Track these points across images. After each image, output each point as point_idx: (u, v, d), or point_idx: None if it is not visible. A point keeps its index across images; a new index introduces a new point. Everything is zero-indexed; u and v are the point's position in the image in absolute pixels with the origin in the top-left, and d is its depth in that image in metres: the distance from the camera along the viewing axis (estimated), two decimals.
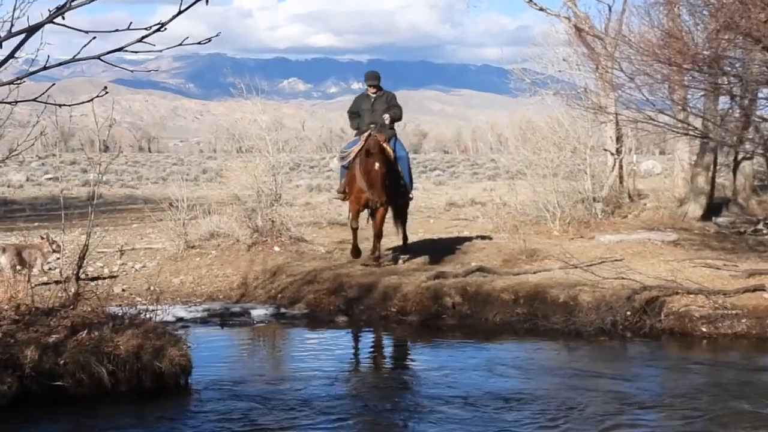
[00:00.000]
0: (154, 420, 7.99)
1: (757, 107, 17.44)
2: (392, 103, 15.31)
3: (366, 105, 15.30)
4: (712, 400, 8.46)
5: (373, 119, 14.99)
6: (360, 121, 15.34)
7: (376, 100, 15.21)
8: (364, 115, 15.24)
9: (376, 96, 15.25)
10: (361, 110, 15.38)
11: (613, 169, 22.26)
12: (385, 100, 15.26)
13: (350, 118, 15.89)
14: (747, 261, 14.48)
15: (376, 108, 15.15)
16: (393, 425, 7.94)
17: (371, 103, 15.23)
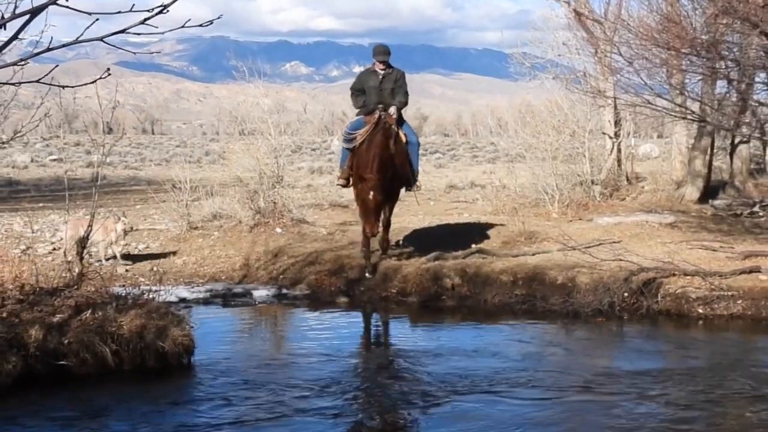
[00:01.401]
0: (157, 398, 7.99)
1: (754, 92, 17.41)
2: (401, 83, 13.92)
3: (373, 82, 13.84)
4: (708, 379, 8.47)
5: (381, 99, 13.66)
6: (365, 99, 13.87)
7: (385, 78, 13.80)
8: (371, 93, 13.80)
9: (385, 73, 13.83)
10: (367, 87, 13.90)
11: (611, 153, 22.21)
12: (393, 79, 13.86)
13: (353, 96, 14.22)
14: (743, 243, 14.47)
15: (384, 86, 13.77)
16: (392, 401, 7.95)
17: (379, 80, 13.79)
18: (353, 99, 14.23)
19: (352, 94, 14.25)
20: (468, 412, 7.51)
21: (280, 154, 17.57)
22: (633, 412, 7.46)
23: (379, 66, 13.86)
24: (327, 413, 7.46)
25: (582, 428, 7.18)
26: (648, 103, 15.82)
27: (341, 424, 7.27)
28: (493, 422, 7.26)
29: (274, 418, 7.36)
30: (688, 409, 7.58)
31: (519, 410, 7.56)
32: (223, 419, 7.27)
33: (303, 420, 7.31)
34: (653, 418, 7.34)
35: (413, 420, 7.52)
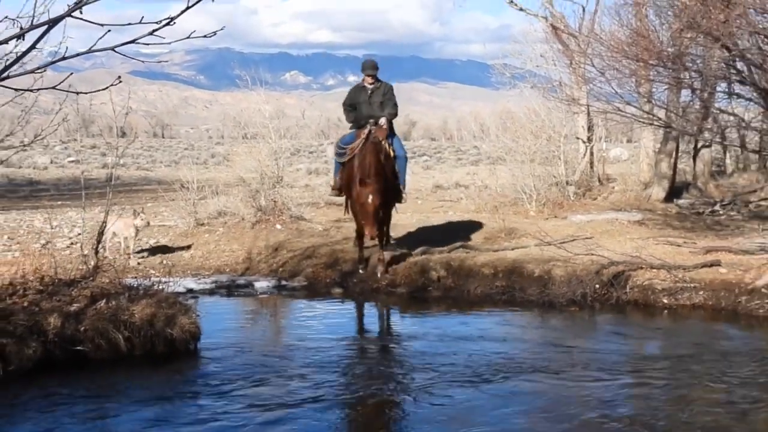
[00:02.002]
0: (165, 381, 8.00)
1: (715, 100, 17.45)
2: (389, 96, 13.45)
3: (363, 97, 13.43)
4: (671, 363, 8.49)
5: (371, 112, 13.24)
6: (357, 114, 13.47)
7: (374, 93, 13.39)
8: (361, 107, 13.40)
9: (373, 87, 13.41)
10: (357, 103, 13.49)
11: (584, 156, 22.24)
12: (382, 92, 13.42)
13: (346, 112, 13.83)
14: (705, 239, 14.51)
15: (373, 100, 13.37)
16: (384, 380, 7.95)
17: (368, 95, 13.39)
18: (345, 114, 13.89)
19: (344, 110, 13.89)
20: (457, 394, 7.51)
21: (279, 157, 17.55)
22: (602, 392, 7.47)
23: (368, 80, 13.45)
24: (323, 392, 7.46)
25: (554, 404, 7.17)
26: (618, 110, 15.85)
27: (337, 401, 7.26)
28: (476, 401, 7.28)
29: (274, 397, 7.36)
30: (653, 388, 7.60)
31: (499, 391, 7.57)
32: (227, 399, 7.27)
33: (300, 398, 7.31)
34: (620, 396, 7.35)
35: (403, 399, 7.51)
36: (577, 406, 7.16)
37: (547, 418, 6.89)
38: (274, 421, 6.75)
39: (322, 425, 6.73)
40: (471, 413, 7.06)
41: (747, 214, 18.73)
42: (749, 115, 17.03)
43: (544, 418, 6.90)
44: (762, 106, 14.66)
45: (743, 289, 11.33)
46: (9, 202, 23.09)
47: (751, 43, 13.29)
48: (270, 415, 6.89)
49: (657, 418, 6.82)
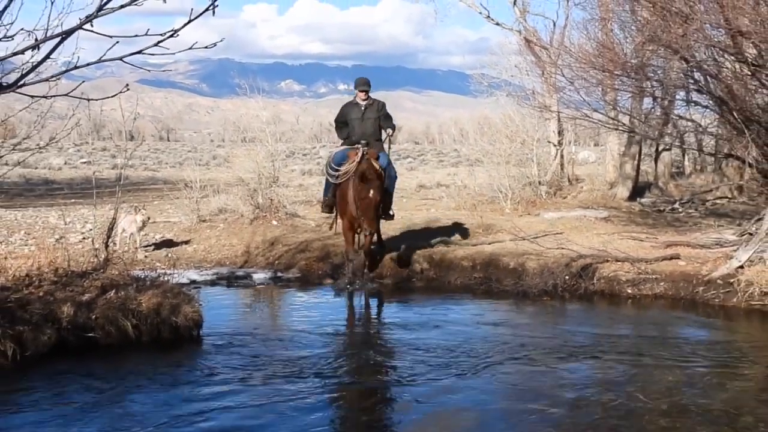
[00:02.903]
0: (171, 365, 7.97)
1: (674, 107, 17.51)
2: (383, 112, 12.65)
3: (355, 114, 12.56)
4: (635, 348, 8.51)
5: (364, 130, 12.43)
6: (349, 130, 12.65)
7: (367, 109, 12.52)
8: (354, 125, 12.54)
9: (366, 104, 12.53)
10: (350, 119, 12.59)
11: (555, 158, 22.27)
12: (376, 109, 12.57)
13: (338, 128, 12.98)
14: (665, 234, 14.54)
15: (366, 117, 12.51)
16: (372, 364, 7.95)
17: (362, 111, 12.52)
18: (337, 131, 13.02)
19: (336, 126, 13.05)
20: (440, 379, 7.51)
21: (276, 159, 17.55)
22: (569, 374, 7.48)
23: (361, 96, 12.55)
24: (317, 375, 7.46)
25: (525, 384, 7.18)
26: (586, 117, 15.87)
27: (329, 381, 7.26)
28: (456, 383, 7.28)
29: (272, 378, 7.35)
30: (617, 372, 7.61)
31: (478, 373, 7.57)
32: (228, 381, 7.26)
33: (297, 379, 7.30)
34: (586, 378, 7.36)
35: (391, 380, 7.51)
36: (548, 388, 7.17)
37: (521, 398, 6.89)
38: (272, 401, 6.73)
39: (320, 404, 6.72)
40: (451, 394, 7.06)
41: (704, 211, 18.79)
42: (706, 121, 17.04)
43: (520, 398, 6.90)
44: (717, 113, 14.70)
45: (700, 281, 11.36)
46: (26, 200, 22.99)
47: (707, 55, 13.32)
48: (268, 395, 6.88)
49: (620, 399, 6.83)
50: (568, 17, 21.66)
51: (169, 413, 6.43)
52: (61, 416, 6.37)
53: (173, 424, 6.19)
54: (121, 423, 6.28)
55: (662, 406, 6.65)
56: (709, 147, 21.07)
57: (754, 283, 10.76)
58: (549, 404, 6.71)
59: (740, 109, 13.16)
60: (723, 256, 12.05)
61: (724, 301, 10.88)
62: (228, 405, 6.65)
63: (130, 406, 6.68)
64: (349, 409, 6.92)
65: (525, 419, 6.43)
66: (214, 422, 6.26)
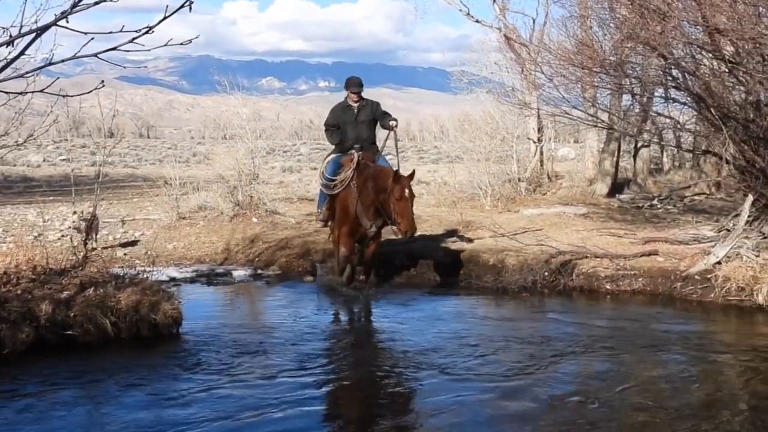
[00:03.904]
0: (150, 362, 7.94)
1: (653, 104, 17.57)
2: (380, 112, 11.83)
3: (348, 117, 11.68)
4: (613, 342, 8.56)
5: (358, 134, 11.63)
6: (341, 135, 11.77)
7: (360, 111, 11.69)
8: (347, 128, 11.68)
9: (359, 106, 11.69)
10: (342, 123, 11.71)
11: (535, 155, 22.33)
12: (370, 110, 11.74)
13: (329, 133, 11.97)
14: (644, 230, 14.62)
15: (360, 120, 11.68)
16: (353, 359, 7.96)
17: (355, 114, 11.67)
18: (328, 135, 12.03)
19: (326, 130, 12.06)
20: (419, 375, 7.53)
21: (256, 156, 17.49)
22: (547, 370, 7.51)
23: (353, 97, 11.69)
24: (298, 371, 7.45)
25: (503, 382, 7.20)
26: (565, 114, 15.93)
27: (309, 378, 7.25)
28: (432, 378, 7.30)
29: (251, 375, 7.34)
30: (595, 368, 7.65)
31: (455, 368, 7.59)
32: (206, 378, 7.24)
33: (276, 376, 7.30)
34: (564, 374, 7.39)
35: (372, 376, 7.52)
36: (527, 384, 7.19)
37: (500, 396, 6.92)
38: (252, 398, 6.73)
39: (300, 400, 6.71)
40: (430, 391, 7.08)
41: (682, 208, 18.90)
42: (684, 118, 17.13)
43: (498, 395, 6.92)
44: (695, 110, 14.79)
45: (678, 276, 11.44)
46: (4, 197, 22.81)
47: (685, 53, 13.40)
48: (247, 392, 6.87)
49: (598, 394, 6.87)
50: (547, 14, 21.74)
51: (148, 411, 6.41)
52: (39, 415, 6.34)
53: (152, 422, 6.17)
54: (100, 421, 6.26)
55: (640, 401, 6.69)
56: (687, 144, 21.20)
57: (731, 279, 10.84)
58: (528, 400, 6.74)
59: (718, 106, 13.25)
60: (701, 252, 12.13)
61: (702, 296, 10.96)
62: (208, 402, 6.63)
63: (109, 403, 6.65)
64: (329, 404, 6.91)
65: (504, 416, 6.46)
66: (194, 420, 6.24)
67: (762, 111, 12.77)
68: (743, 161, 13.69)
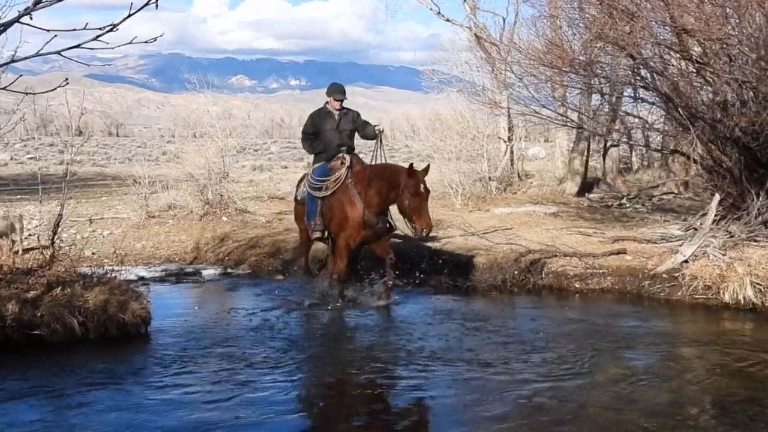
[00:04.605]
0: (118, 362, 7.89)
1: (622, 104, 17.73)
2: (361, 121, 11.28)
3: (329, 124, 11.05)
4: (582, 340, 8.61)
5: (341, 141, 11.04)
6: (323, 143, 11.08)
7: (342, 119, 11.10)
8: (329, 135, 11.03)
9: (341, 114, 11.13)
10: (323, 130, 11.07)
11: (505, 154, 22.45)
12: (351, 119, 11.19)
13: (306, 140, 11.35)
14: (613, 229, 14.73)
15: (343, 127, 11.09)
16: (318, 353, 7.95)
17: (336, 122, 11.06)
18: (306, 144, 11.36)
19: (304, 138, 11.41)
20: (389, 371, 7.54)
21: (226, 154, 17.44)
22: (515, 369, 7.54)
23: (335, 105, 11.12)
24: (267, 369, 7.44)
25: (473, 380, 7.22)
26: (535, 113, 16.03)
27: (277, 376, 7.23)
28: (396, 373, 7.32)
29: (218, 374, 7.32)
30: (562, 366, 7.68)
31: (420, 365, 7.61)
32: (176, 378, 7.21)
33: (246, 374, 7.28)
34: (532, 373, 7.41)
35: (341, 372, 7.52)
36: (496, 383, 7.22)
37: (468, 393, 6.94)
38: (221, 397, 6.71)
39: (269, 398, 6.69)
40: (392, 385, 7.10)
41: (650, 207, 19.07)
42: (652, 118, 17.30)
43: (467, 393, 6.94)
44: (663, 110, 14.94)
45: (646, 275, 11.53)
46: None
47: (653, 53, 13.52)
48: (217, 390, 6.85)
49: (565, 393, 6.91)
50: (517, 14, 21.87)
51: (116, 410, 6.37)
52: (3, 414, 6.28)
53: (118, 424, 6.13)
54: (67, 421, 6.21)
55: (608, 399, 6.73)
56: (655, 143, 21.39)
57: (698, 278, 10.95)
58: (496, 399, 6.76)
59: (685, 106, 13.38)
60: (668, 251, 12.24)
61: (669, 295, 11.06)
62: (176, 401, 6.60)
63: (77, 404, 6.59)
64: (300, 402, 6.90)
65: (473, 413, 6.47)
66: (162, 418, 6.20)
67: (729, 111, 12.91)
68: (710, 161, 13.84)
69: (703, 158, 14.25)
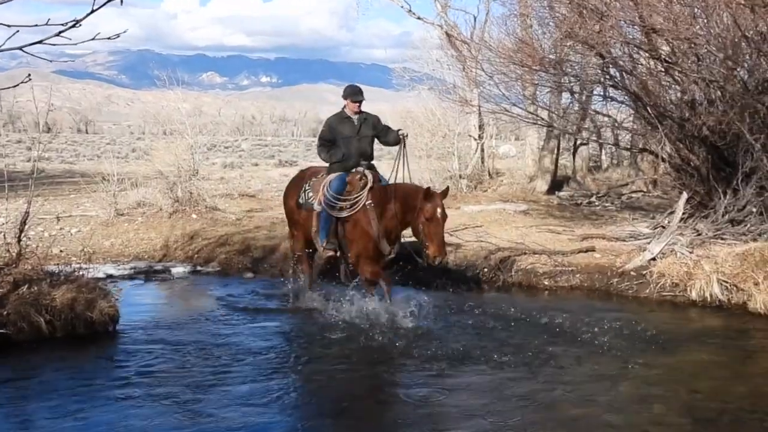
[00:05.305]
0: (86, 361, 7.87)
1: (592, 102, 17.86)
2: (382, 127, 10.31)
3: (349, 131, 10.01)
4: (551, 336, 8.65)
5: (361, 150, 10.07)
6: (342, 151, 10.02)
7: (362, 125, 10.07)
8: (349, 144, 10.00)
9: (359, 119, 10.09)
10: (341, 137, 10.02)
11: (476, 152, 22.50)
12: (371, 125, 10.15)
13: (323, 148, 10.20)
14: (582, 227, 14.83)
15: (363, 134, 10.08)
16: (288, 351, 7.94)
17: (356, 128, 10.03)
18: (323, 152, 10.22)
19: (321, 145, 10.27)
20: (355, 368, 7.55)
21: (196, 151, 17.37)
22: (480, 367, 7.57)
23: (354, 108, 10.06)
24: (236, 368, 7.43)
25: (439, 377, 7.24)
26: (506, 111, 16.10)
27: (247, 377, 7.21)
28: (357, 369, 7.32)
29: (187, 372, 7.30)
30: (528, 364, 7.71)
31: (381, 361, 7.62)
32: (143, 377, 7.17)
33: (215, 373, 7.27)
34: (497, 370, 7.44)
35: (310, 370, 7.51)
36: (462, 382, 7.25)
37: (436, 391, 6.96)
38: (188, 397, 6.68)
39: (237, 397, 6.68)
40: (358, 382, 7.11)
41: (619, 205, 19.20)
42: (621, 116, 17.46)
43: (434, 390, 6.96)
44: (632, 108, 15.07)
45: (615, 273, 11.63)
46: None
47: (622, 52, 13.64)
48: (185, 390, 6.82)
49: (531, 390, 6.95)
50: (488, 12, 21.92)
51: (82, 410, 6.33)
52: None
53: (87, 421, 6.09)
54: (33, 420, 6.16)
55: (572, 396, 6.78)
56: (625, 142, 21.56)
57: (665, 275, 11.06)
58: (463, 396, 6.80)
59: (654, 105, 13.50)
60: (637, 249, 12.36)
61: (637, 292, 11.16)
62: (143, 400, 6.57)
63: (43, 403, 6.54)
64: (267, 399, 6.87)
65: (442, 411, 6.50)
66: (129, 418, 6.18)
67: (697, 110, 13.05)
68: (678, 159, 13.97)
69: (672, 157, 14.39)
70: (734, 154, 12.90)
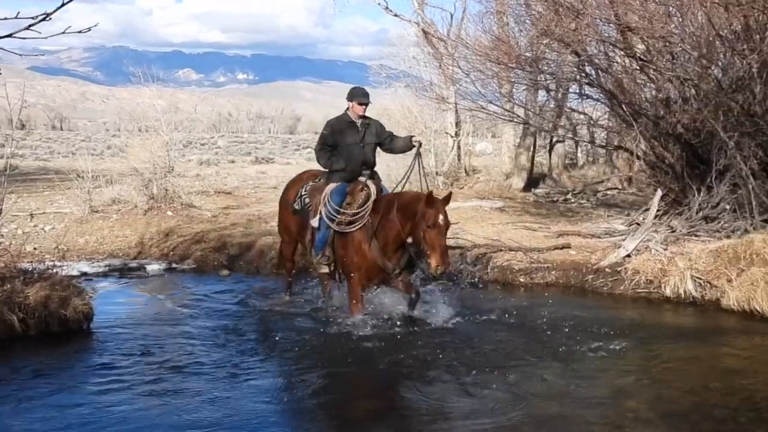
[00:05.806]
0: (59, 359, 7.80)
1: (567, 100, 17.94)
2: (386, 134, 9.71)
3: (352, 137, 9.41)
4: (525, 333, 8.68)
5: (366, 157, 9.51)
6: (344, 159, 9.41)
7: (366, 131, 9.50)
8: (353, 151, 9.40)
9: (363, 123, 9.52)
10: (343, 144, 9.41)
11: (452, 149, 22.57)
12: (375, 131, 9.55)
13: (324, 153, 9.53)
14: (558, 224, 14.89)
15: (367, 141, 9.50)
16: (262, 348, 7.92)
17: (360, 134, 9.45)
18: (323, 157, 9.52)
19: (321, 150, 9.55)
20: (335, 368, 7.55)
21: (171, 148, 17.32)
22: (457, 365, 7.58)
23: (359, 110, 9.45)
24: (209, 366, 7.40)
25: (412, 374, 7.26)
26: (482, 108, 16.15)
27: (221, 374, 7.19)
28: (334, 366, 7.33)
29: (162, 369, 7.27)
30: (503, 361, 7.74)
31: (362, 355, 7.63)
32: (118, 374, 7.14)
33: (188, 371, 7.24)
34: (475, 367, 7.46)
35: (289, 369, 7.51)
36: (436, 379, 7.27)
37: (409, 389, 6.98)
38: (163, 394, 6.66)
39: (210, 396, 6.65)
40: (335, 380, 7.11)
41: (595, 202, 19.30)
42: (597, 114, 17.53)
43: (408, 388, 6.98)
44: (608, 106, 15.13)
45: (590, 269, 11.69)
46: None
47: (598, 50, 13.71)
48: (160, 388, 6.80)
49: (505, 387, 6.97)
50: (465, 10, 22.00)
51: (55, 408, 6.29)
52: None
53: (60, 419, 6.06)
54: (2, 420, 6.11)
55: (549, 393, 6.81)
56: (600, 139, 21.67)
57: (640, 272, 11.13)
58: (437, 393, 6.82)
59: (629, 103, 13.59)
60: (612, 246, 12.42)
61: (612, 289, 11.22)
62: (117, 398, 6.54)
63: (15, 402, 6.49)
64: (242, 401, 6.85)
65: (417, 409, 6.52)
66: (103, 416, 6.14)
67: (671, 108, 13.14)
68: (653, 157, 14.07)
69: (646, 154, 14.49)
70: (708, 152, 13.00)
